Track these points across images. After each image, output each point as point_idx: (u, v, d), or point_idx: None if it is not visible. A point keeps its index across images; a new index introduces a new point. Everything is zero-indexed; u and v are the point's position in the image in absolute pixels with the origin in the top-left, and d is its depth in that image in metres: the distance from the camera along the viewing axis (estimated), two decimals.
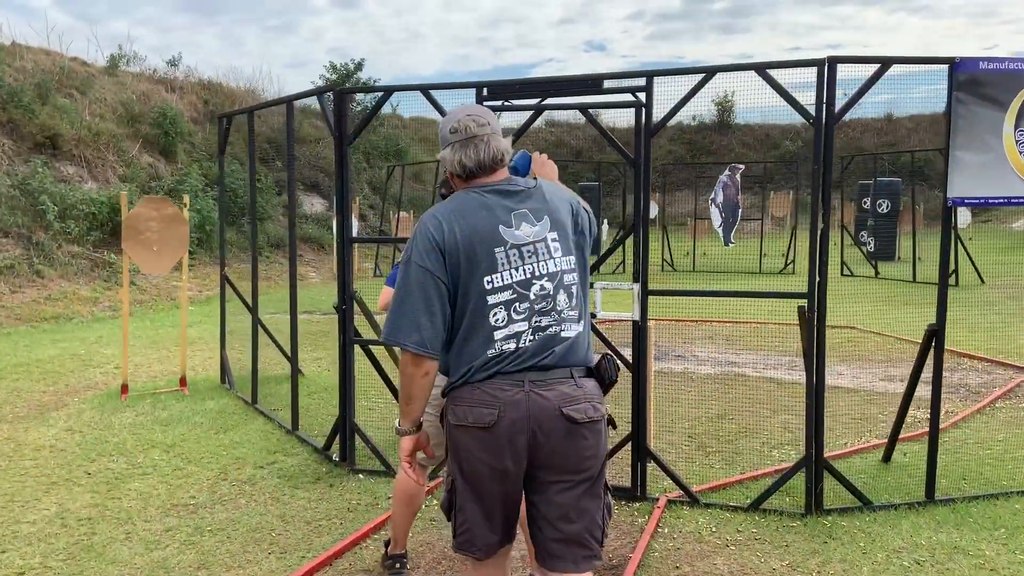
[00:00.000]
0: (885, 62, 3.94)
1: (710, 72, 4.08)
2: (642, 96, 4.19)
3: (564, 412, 2.24)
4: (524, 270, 2.29)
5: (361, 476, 4.70)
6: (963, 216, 18.36)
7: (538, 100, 4.41)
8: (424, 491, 3.48)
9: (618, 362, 2.47)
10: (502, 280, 2.27)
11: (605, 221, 21.96)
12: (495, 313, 2.26)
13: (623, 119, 27.95)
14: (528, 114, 4.55)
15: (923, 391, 6.67)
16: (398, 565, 3.46)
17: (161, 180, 16.41)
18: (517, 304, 2.27)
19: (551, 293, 2.30)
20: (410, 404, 2.36)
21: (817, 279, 4.03)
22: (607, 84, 4.26)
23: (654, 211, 20.72)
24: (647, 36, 76.15)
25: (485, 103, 4.45)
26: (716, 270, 16.85)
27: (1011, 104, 3.97)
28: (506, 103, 4.41)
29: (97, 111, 16.62)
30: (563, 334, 2.31)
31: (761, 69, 3.99)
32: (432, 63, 64.73)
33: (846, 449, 5.13)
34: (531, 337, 2.27)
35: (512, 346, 2.26)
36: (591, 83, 4.29)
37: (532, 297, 2.28)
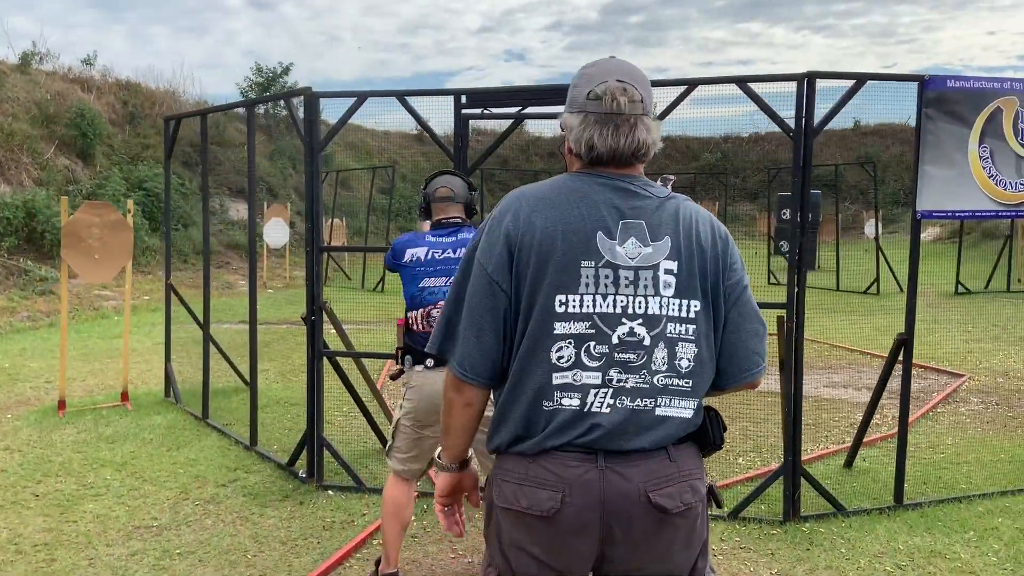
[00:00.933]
0: (860, 78, 4.05)
1: (692, 84, 4.12)
2: None
3: (652, 499, 1.64)
4: (614, 301, 1.66)
5: (331, 492, 4.54)
6: (871, 228, 19.18)
7: (518, 109, 4.37)
8: (412, 502, 3.37)
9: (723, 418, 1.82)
10: (580, 305, 1.66)
11: None
12: (560, 349, 1.66)
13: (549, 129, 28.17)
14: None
15: (866, 397, 6.91)
16: None
17: (79, 184, 15.63)
18: (592, 345, 1.65)
19: (645, 344, 1.66)
20: (448, 437, 1.81)
21: (795, 289, 4.10)
22: None
23: None
24: (566, 47, 77.23)
25: (463, 112, 4.39)
26: None
27: (975, 121, 4.14)
28: (485, 111, 4.35)
29: (9, 111, 15.72)
30: (658, 412, 1.67)
31: (742, 83, 4.05)
32: (351, 68, 63.86)
33: (810, 455, 5.25)
34: (608, 400, 1.65)
35: (576, 403, 1.65)
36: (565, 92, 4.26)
37: (615, 342, 1.66)
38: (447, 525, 1.92)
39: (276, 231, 15.78)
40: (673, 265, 1.68)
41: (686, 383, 1.69)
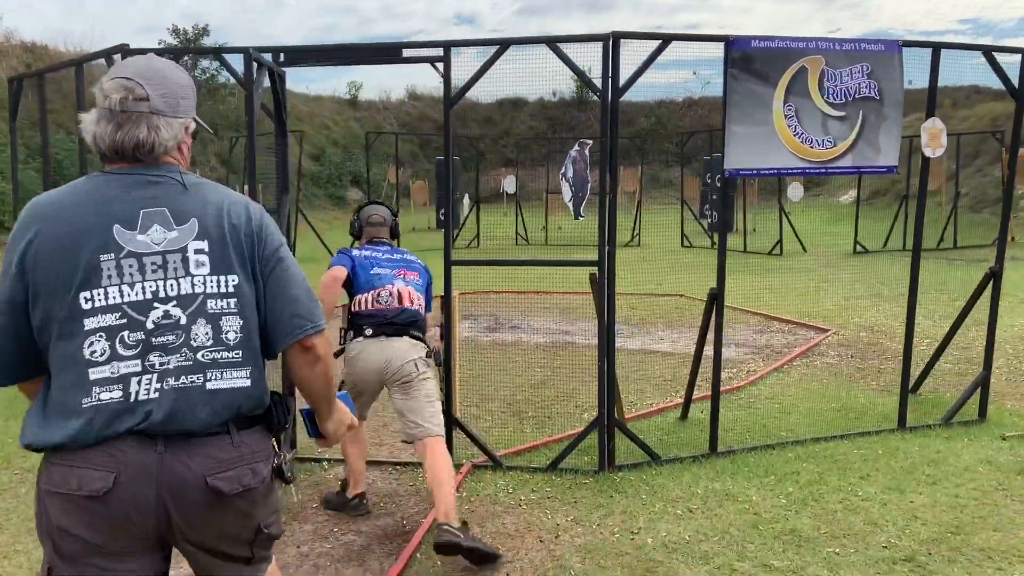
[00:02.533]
0: (666, 39, 4.12)
1: (504, 44, 4.14)
2: (441, 66, 4.20)
3: (209, 483, 1.70)
4: (143, 288, 1.70)
5: None
6: (796, 191, 19.61)
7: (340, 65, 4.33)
8: (363, 425, 4.03)
9: (291, 406, 1.99)
10: (106, 298, 1.68)
11: (466, 195, 22.03)
12: (91, 344, 1.66)
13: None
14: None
15: (734, 352, 7.13)
16: (363, 502, 3.84)
17: None
18: (127, 334, 1.68)
19: (183, 323, 1.71)
20: None
21: (607, 247, 4.19)
22: (406, 53, 4.24)
23: (512, 186, 20.95)
24: (516, 11, 76.51)
25: (285, 68, 4.35)
26: (569, 243, 17.28)
27: (780, 81, 4.25)
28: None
29: None
30: (208, 386, 1.71)
31: (552, 43, 4.09)
32: (295, 31, 62.24)
33: (650, 409, 5.41)
34: (154, 385, 1.67)
35: (118, 394, 1.66)
36: (390, 52, 4.26)
37: (150, 327, 1.69)
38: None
39: None
40: (203, 244, 1.75)
41: (235, 354, 1.76)
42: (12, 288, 1.69)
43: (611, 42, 4.05)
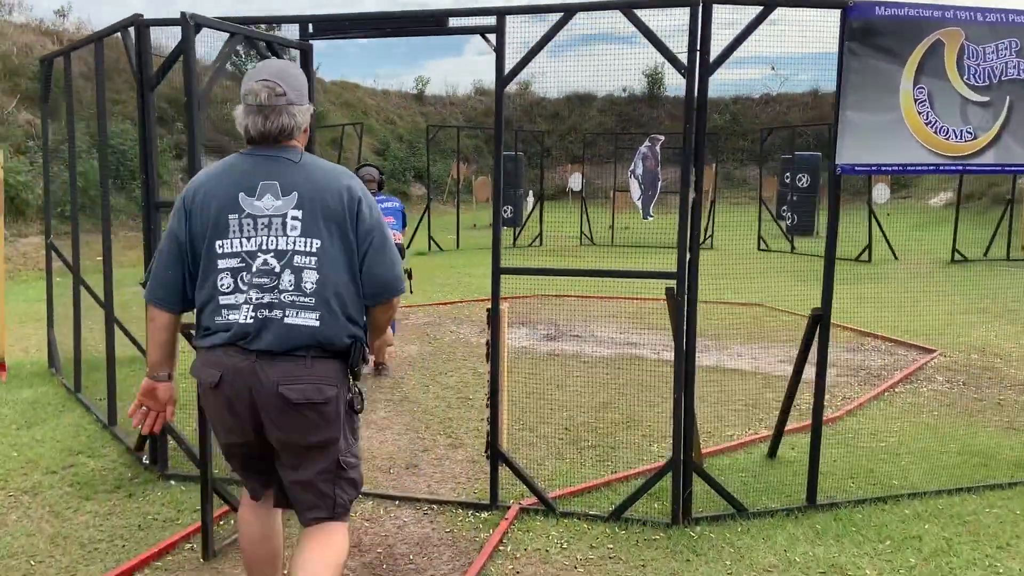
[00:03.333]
0: (768, 3, 3.37)
1: (569, 11, 3.46)
2: (493, 38, 3.55)
3: (280, 390, 2.24)
4: (254, 241, 2.29)
5: (173, 482, 4.02)
6: (882, 192, 18.36)
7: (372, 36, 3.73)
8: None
9: (368, 354, 2.48)
10: (231, 247, 2.29)
11: (530, 192, 21.35)
12: (222, 279, 2.28)
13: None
14: None
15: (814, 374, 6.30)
16: None
17: (40, 139, 15.08)
18: (243, 274, 2.28)
19: (276, 271, 2.27)
20: (148, 350, 2.51)
21: (687, 256, 3.48)
22: (453, 23, 3.60)
23: (577, 183, 20.22)
24: None
25: (312, 40, 3.77)
26: (637, 244, 16.46)
27: (909, 58, 3.46)
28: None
29: None
30: (287, 321, 2.25)
31: (628, 8, 3.39)
32: (326, 3, 60.38)
33: (730, 443, 4.67)
34: (252, 314, 2.25)
35: (232, 317, 2.27)
36: (433, 21, 3.62)
37: (255, 270, 2.27)
38: (136, 420, 2.51)
39: None
40: (299, 213, 2.30)
41: (309, 300, 2.26)
42: (179, 228, 2.34)
43: (701, 7, 3.33)
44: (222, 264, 2.26)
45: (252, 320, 2.23)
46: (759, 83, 35.27)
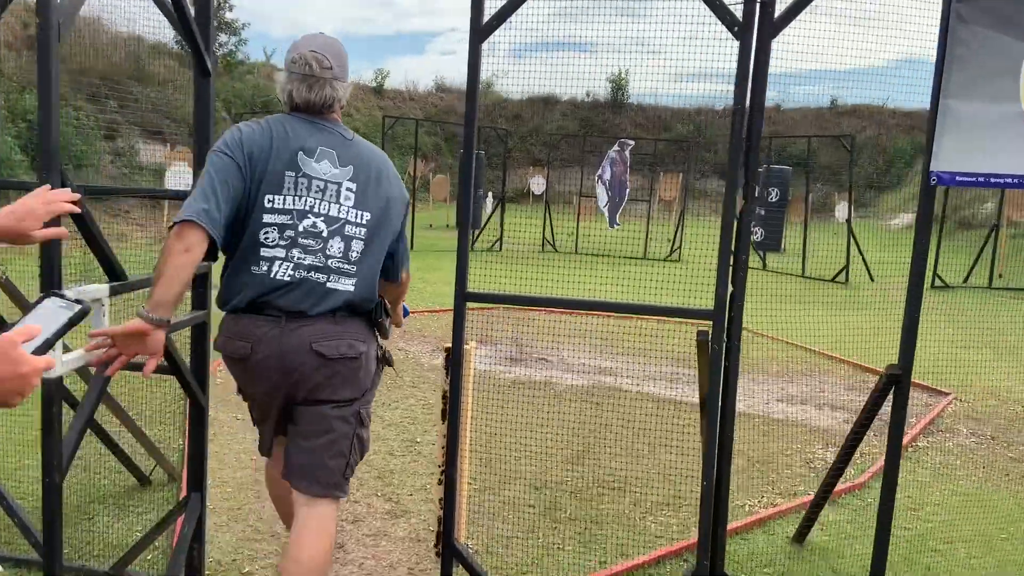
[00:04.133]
0: None
1: None
2: None
3: (313, 347, 2.24)
4: (305, 201, 2.27)
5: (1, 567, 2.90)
6: (842, 210, 17.73)
7: None
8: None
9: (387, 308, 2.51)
10: (283, 203, 2.25)
11: (489, 193, 20.34)
12: (266, 232, 2.24)
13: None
14: None
15: (829, 419, 5.43)
16: None
17: None
18: (288, 231, 2.25)
19: (324, 235, 2.28)
20: (161, 285, 2.09)
21: (730, 289, 2.50)
22: None
23: (540, 187, 19.30)
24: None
25: None
26: (599, 252, 15.56)
27: None
28: None
29: None
30: (328, 285, 2.28)
31: None
32: (330, 22, 60.57)
33: (745, 519, 3.71)
34: (289, 272, 2.24)
35: (265, 267, 2.24)
36: None
37: (300, 230, 2.26)
38: (95, 359, 2.11)
39: (181, 178, 13.90)
40: (353, 185, 2.35)
41: (352, 268, 2.33)
42: (235, 175, 2.21)
43: None
44: (268, 219, 2.24)
45: (290, 278, 2.24)
46: (722, 97, 34.94)
